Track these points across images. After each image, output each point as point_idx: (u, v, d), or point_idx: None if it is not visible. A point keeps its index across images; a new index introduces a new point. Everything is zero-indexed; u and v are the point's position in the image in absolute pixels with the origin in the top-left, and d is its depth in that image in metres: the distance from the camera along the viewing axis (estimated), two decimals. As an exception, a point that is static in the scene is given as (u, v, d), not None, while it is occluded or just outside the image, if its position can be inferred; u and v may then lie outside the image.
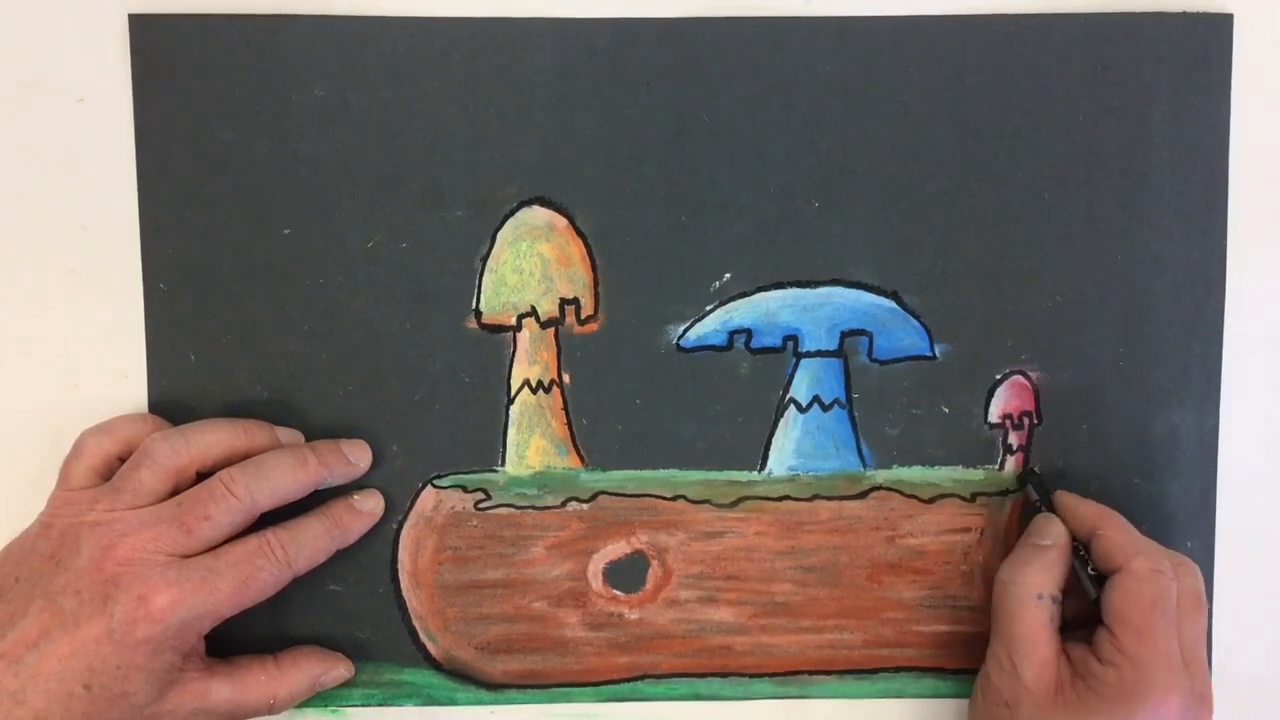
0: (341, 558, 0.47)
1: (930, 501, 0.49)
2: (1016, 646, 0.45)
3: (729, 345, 0.49)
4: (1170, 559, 0.45)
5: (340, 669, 0.48)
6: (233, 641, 0.46)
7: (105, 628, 0.42)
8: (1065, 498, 0.48)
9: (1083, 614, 0.46)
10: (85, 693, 0.42)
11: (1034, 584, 0.45)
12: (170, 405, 0.48)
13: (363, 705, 0.49)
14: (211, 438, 0.45)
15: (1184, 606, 0.44)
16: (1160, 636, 0.43)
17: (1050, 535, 0.47)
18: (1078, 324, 0.49)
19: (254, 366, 0.48)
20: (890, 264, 0.49)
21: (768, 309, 0.49)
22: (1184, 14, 0.48)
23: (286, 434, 0.47)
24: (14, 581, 0.43)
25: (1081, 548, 0.47)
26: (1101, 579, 0.45)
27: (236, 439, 0.46)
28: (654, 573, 0.49)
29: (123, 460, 0.46)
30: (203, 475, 0.45)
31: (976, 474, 0.50)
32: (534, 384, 0.49)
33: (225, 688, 0.45)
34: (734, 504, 0.49)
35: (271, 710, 0.46)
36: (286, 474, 0.45)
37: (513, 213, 0.48)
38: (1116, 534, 0.46)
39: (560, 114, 0.48)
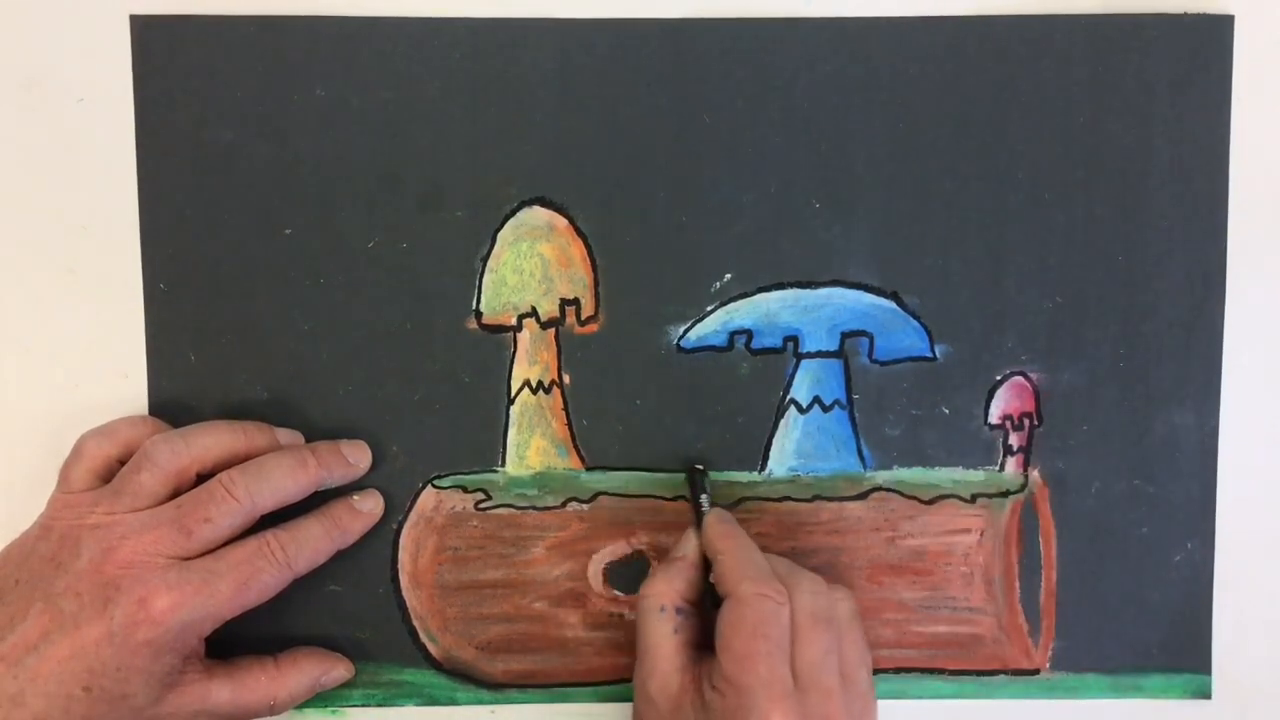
0: (341, 558, 0.47)
1: (930, 502, 0.49)
2: (643, 658, 0.44)
3: (729, 346, 0.49)
4: (790, 580, 0.44)
5: (340, 669, 0.48)
6: (233, 642, 0.46)
7: (106, 630, 0.42)
8: (709, 517, 0.47)
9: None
10: (85, 695, 0.42)
11: (657, 595, 0.45)
12: (170, 406, 0.48)
13: (363, 705, 0.49)
14: (211, 440, 0.45)
15: (800, 627, 0.43)
16: (760, 662, 0.42)
17: (683, 548, 0.46)
18: (1078, 324, 0.49)
19: (254, 366, 0.48)
20: (890, 265, 0.49)
21: (768, 309, 0.49)
22: (1184, 15, 0.48)
23: (286, 435, 0.47)
24: (14, 584, 0.43)
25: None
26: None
27: (236, 441, 0.46)
28: (654, 573, 0.49)
29: (122, 463, 0.46)
30: (203, 477, 0.45)
31: (976, 475, 0.49)
32: (534, 384, 0.49)
33: (225, 689, 0.45)
34: (734, 505, 0.49)
35: (272, 711, 0.46)
36: (286, 476, 0.45)
37: (513, 213, 0.48)
38: (731, 559, 0.44)
39: (561, 114, 0.48)
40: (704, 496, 0.48)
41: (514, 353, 0.49)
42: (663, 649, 0.44)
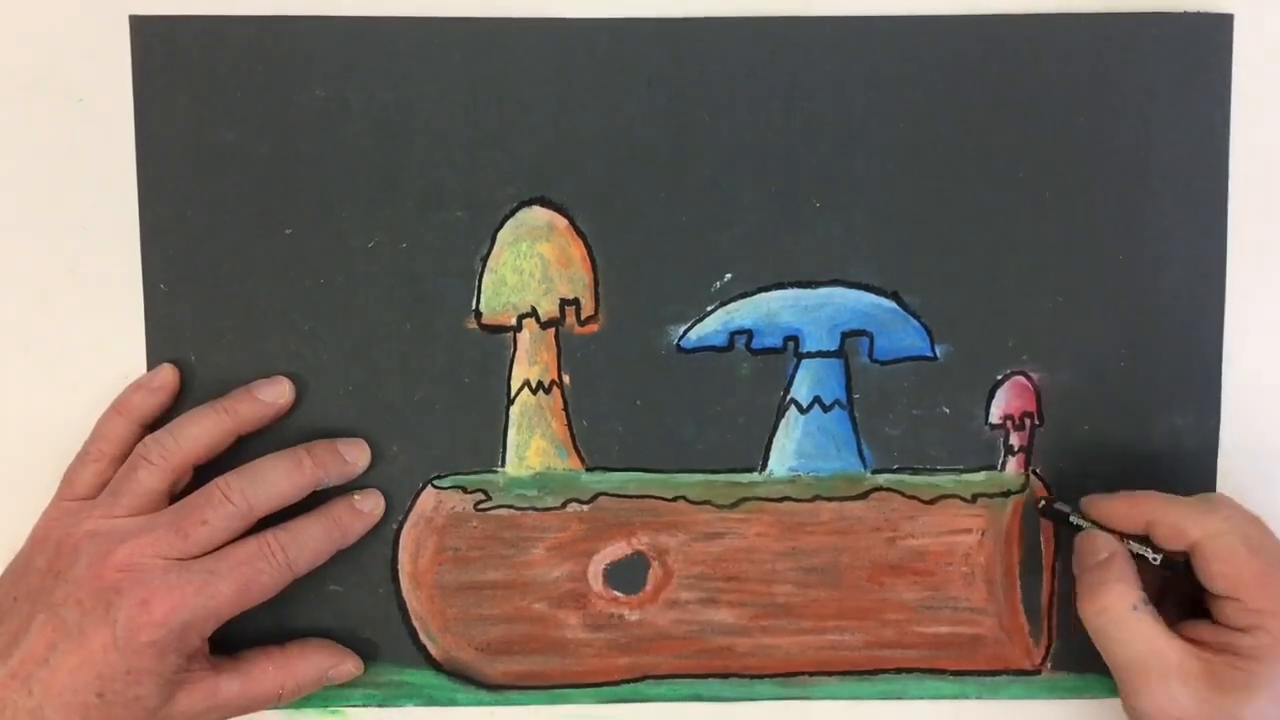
0: (342, 558, 0.47)
1: (931, 502, 0.49)
2: (1145, 666, 0.43)
3: (729, 346, 0.49)
4: (1212, 499, 0.45)
5: (348, 664, 0.48)
6: (234, 642, 0.46)
7: (110, 635, 0.42)
8: (1095, 505, 0.46)
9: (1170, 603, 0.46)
10: (99, 701, 0.42)
11: (1120, 597, 0.43)
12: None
13: (363, 705, 0.49)
14: (198, 429, 0.46)
15: (1260, 528, 0.43)
16: (1275, 574, 0.42)
17: (1102, 549, 0.45)
18: (1079, 324, 0.49)
19: (254, 367, 0.48)
20: (891, 264, 0.49)
21: (768, 309, 0.49)
22: (1184, 14, 0.48)
23: (269, 391, 0.47)
24: (13, 600, 0.43)
25: (1133, 539, 0.45)
26: (1177, 555, 0.44)
27: (222, 422, 0.46)
28: (654, 574, 0.49)
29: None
30: (200, 469, 0.46)
31: (977, 475, 0.49)
32: (534, 385, 0.48)
33: (234, 683, 0.45)
34: (734, 505, 0.49)
35: (279, 701, 0.46)
36: (282, 478, 0.45)
37: (513, 213, 0.48)
38: (1166, 512, 0.44)
39: (560, 114, 0.48)
40: (1072, 515, 0.47)
41: (514, 353, 0.49)
42: (1161, 641, 0.42)
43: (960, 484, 0.49)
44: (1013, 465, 0.49)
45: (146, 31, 0.48)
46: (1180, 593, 0.46)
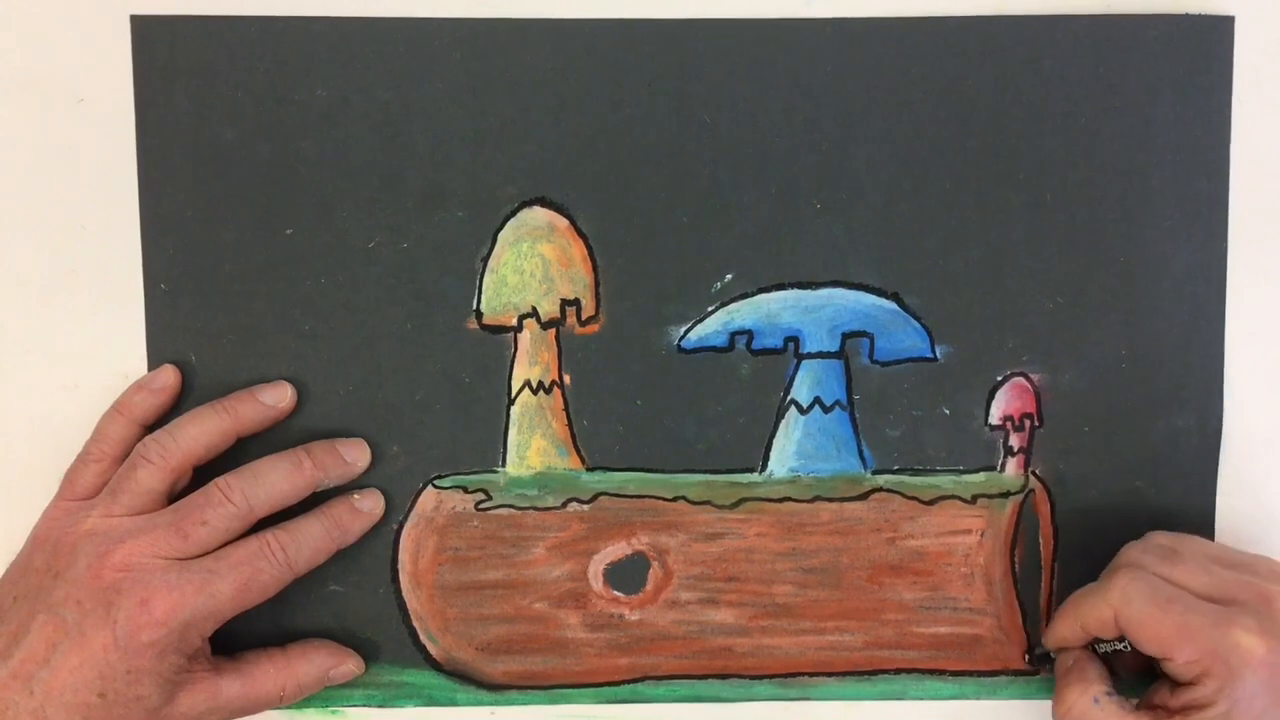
0: (342, 558, 0.47)
1: (931, 503, 0.49)
2: None
3: (730, 346, 0.49)
4: (1114, 569, 0.45)
5: (350, 664, 0.48)
6: (233, 643, 0.46)
7: (110, 635, 0.42)
8: (1047, 637, 0.47)
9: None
10: (101, 701, 0.42)
11: (1080, 694, 0.44)
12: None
13: (363, 706, 0.49)
14: (197, 429, 0.45)
15: (1165, 569, 0.44)
16: (1190, 618, 0.42)
17: (1068, 657, 0.46)
18: (1079, 325, 0.49)
19: (254, 366, 0.48)
20: (891, 265, 0.49)
21: (769, 310, 0.49)
22: (1185, 16, 0.48)
23: (270, 394, 0.47)
24: (12, 600, 0.43)
25: (1096, 642, 0.46)
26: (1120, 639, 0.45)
27: (223, 422, 0.46)
28: (654, 574, 0.49)
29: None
30: (200, 470, 0.46)
31: (977, 476, 0.49)
32: (535, 385, 0.49)
33: (235, 684, 0.45)
34: (735, 505, 0.49)
35: (281, 702, 0.46)
36: (282, 479, 0.45)
37: (514, 213, 0.48)
38: (1086, 609, 0.45)
39: (561, 114, 0.48)
40: (1052, 652, 0.48)
41: (514, 353, 0.49)
42: None
43: (960, 485, 0.49)
44: (1012, 466, 0.49)
45: (147, 31, 0.48)
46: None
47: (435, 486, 0.49)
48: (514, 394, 0.49)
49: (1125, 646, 0.45)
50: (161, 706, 0.43)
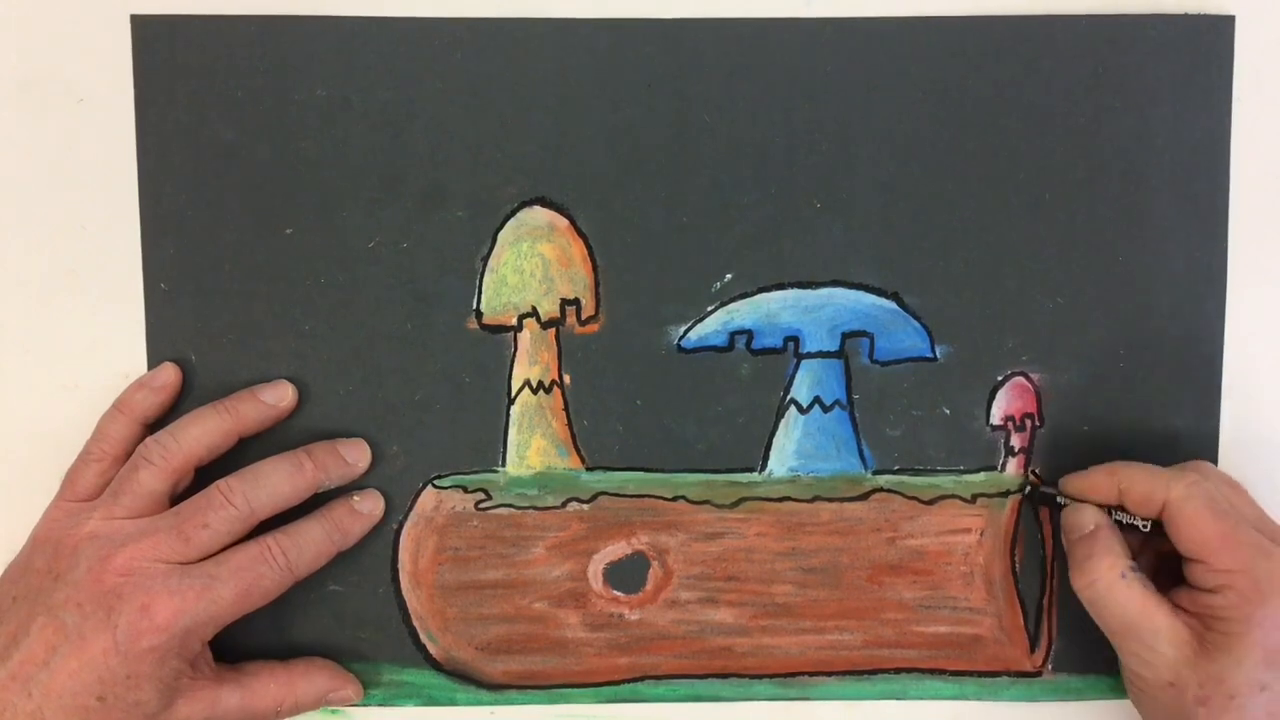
0: (342, 558, 0.47)
1: (931, 503, 0.49)
2: (1138, 631, 0.44)
3: (730, 346, 0.49)
4: (1180, 467, 0.45)
5: (349, 690, 0.48)
6: (233, 643, 0.46)
7: (111, 640, 0.42)
8: (1071, 482, 0.47)
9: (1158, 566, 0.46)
10: (100, 705, 0.42)
11: (1109, 568, 0.44)
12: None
13: (363, 705, 0.49)
14: (199, 429, 0.45)
15: (1228, 490, 0.44)
16: (1240, 533, 0.43)
17: (1087, 521, 0.46)
18: (1079, 325, 0.49)
19: (254, 366, 0.48)
20: (891, 265, 0.49)
21: (769, 310, 0.49)
22: (1185, 15, 0.48)
23: (271, 393, 0.47)
24: (11, 601, 0.43)
25: (1116, 510, 0.46)
26: (1155, 522, 0.45)
27: (224, 423, 0.46)
28: (654, 573, 0.49)
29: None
30: (202, 471, 0.46)
31: (977, 476, 0.49)
32: (535, 384, 0.49)
33: (234, 696, 0.45)
34: (734, 505, 0.49)
35: (277, 717, 0.46)
36: (283, 481, 0.45)
37: (514, 213, 0.48)
38: (1136, 480, 0.45)
39: (561, 114, 0.48)
40: (1059, 496, 0.48)
41: (514, 353, 0.49)
42: (1149, 605, 0.44)
43: (960, 484, 0.49)
44: (1013, 466, 0.49)
45: (147, 31, 0.48)
46: (1169, 559, 0.46)
47: (435, 486, 0.49)
48: (514, 394, 0.49)
49: (1146, 524, 0.45)
50: (160, 712, 0.43)
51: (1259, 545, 0.43)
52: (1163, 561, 0.47)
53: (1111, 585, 0.44)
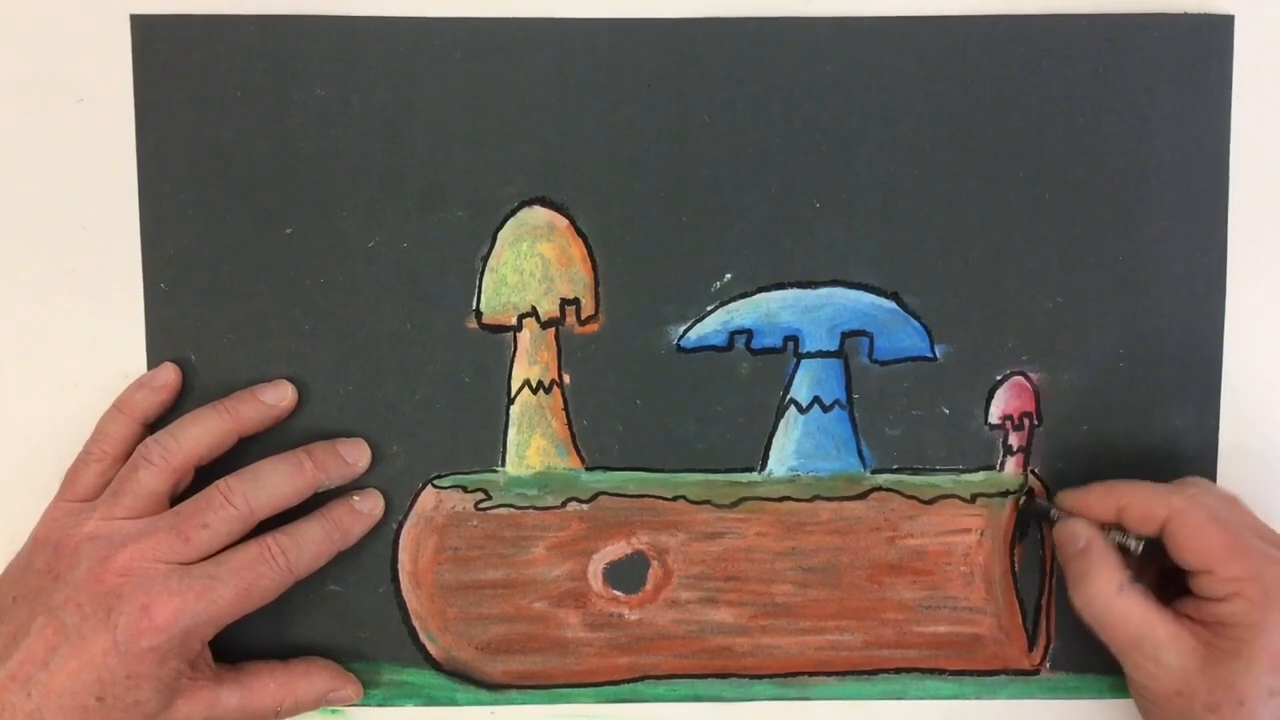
0: (342, 558, 0.47)
1: (930, 502, 0.49)
2: (1141, 643, 0.44)
3: (729, 346, 0.49)
4: (1178, 482, 0.46)
5: (348, 690, 0.48)
6: (232, 643, 0.46)
7: (110, 640, 0.42)
8: (1067, 498, 0.47)
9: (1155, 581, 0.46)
10: (99, 705, 0.42)
11: (1106, 582, 0.44)
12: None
13: (363, 705, 0.49)
14: (199, 429, 0.45)
15: (1228, 502, 0.45)
16: (1245, 540, 0.43)
17: (1080, 537, 0.46)
18: (1078, 325, 0.49)
19: (254, 366, 0.48)
20: (891, 264, 0.49)
21: (768, 309, 0.49)
22: (1185, 15, 0.48)
23: (271, 393, 0.47)
24: (11, 601, 0.43)
25: (1110, 530, 0.46)
26: (1150, 539, 0.45)
27: (224, 423, 0.46)
28: (654, 573, 0.49)
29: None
30: (202, 471, 0.46)
31: (976, 475, 0.49)
32: (534, 384, 0.49)
33: (234, 696, 0.45)
34: (734, 504, 0.49)
35: (277, 717, 0.46)
36: (283, 481, 0.45)
37: (513, 213, 0.48)
38: (1135, 497, 0.45)
39: (561, 114, 0.48)
40: (1051, 510, 0.48)
41: (514, 352, 0.49)
42: (1150, 618, 0.44)
43: (959, 484, 0.49)
44: (1012, 465, 0.49)
45: (147, 31, 0.48)
46: (1165, 573, 0.46)
47: (435, 486, 0.49)
48: (514, 393, 0.49)
49: (1138, 545, 0.45)
50: (159, 712, 0.43)
51: (1265, 552, 0.43)
52: (1160, 579, 0.46)
53: (1110, 600, 0.44)
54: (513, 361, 0.49)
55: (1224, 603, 0.43)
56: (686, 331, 0.49)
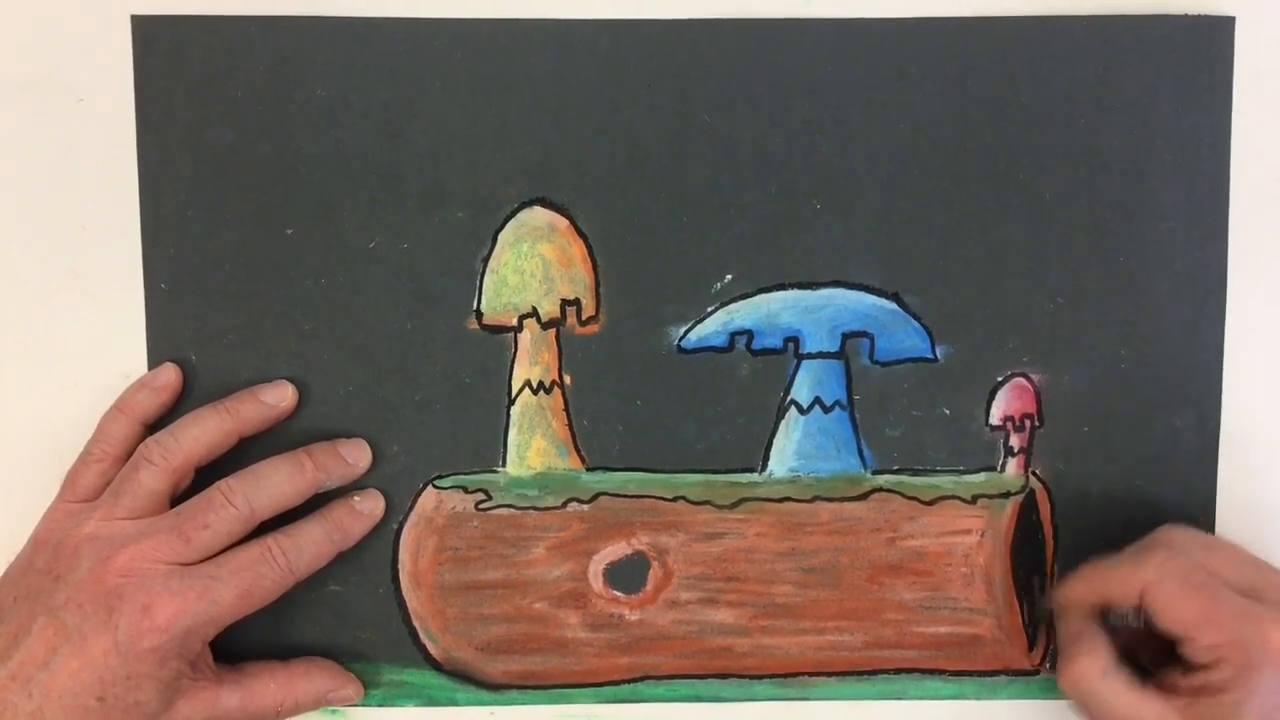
0: (342, 558, 0.47)
1: (931, 503, 0.49)
2: None
3: (730, 346, 0.49)
4: (1150, 545, 0.45)
5: (349, 690, 0.48)
6: (232, 643, 0.46)
7: (111, 640, 0.42)
8: (1057, 596, 0.47)
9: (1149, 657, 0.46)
10: (99, 705, 0.42)
11: (1089, 667, 0.44)
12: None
13: (363, 705, 0.49)
14: (199, 429, 0.45)
15: (1201, 556, 0.44)
16: (1220, 604, 0.42)
17: (1072, 622, 0.46)
18: (1079, 325, 0.49)
19: (254, 366, 0.48)
20: (892, 265, 0.49)
21: (769, 310, 0.49)
22: (1185, 16, 0.48)
23: (271, 393, 0.47)
24: (12, 601, 0.43)
25: (1110, 612, 0.46)
26: (1135, 613, 0.45)
27: (224, 423, 0.46)
28: (654, 574, 0.49)
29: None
30: (202, 471, 0.46)
31: (977, 476, 0.49)
32: (535, 385, 0.49)
33: (234, 696, 0.45)
34: (735, 505, 0.49)
35: (277, 717, 0.46)
36: (284, 481, 0.45)
37: (514, 213, 0.48)
38: (1110, 579, 0.45)
39: (561, 115, 0.48)
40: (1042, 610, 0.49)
41: (515, 353, 0.49)
42: (1135, 699, 0.44)
43: (960, 485, 0.49)
44: (1013, 466, 0.49)
45: (147, 31, 0.48)
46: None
47: (435, 486, 0.49)
48: (514, 394, 0.49)
49: (1135, 621, 0.45)
50: (160, 713, 0.43)
51: (1242, 612, 0.42)
52: (1166, 644, 0.46)
53: (1094, 684, 0.44)
54: (513, 362, 0.49)
55: (1210, 669, 0.43)
56: (687, 332, 0.49)
